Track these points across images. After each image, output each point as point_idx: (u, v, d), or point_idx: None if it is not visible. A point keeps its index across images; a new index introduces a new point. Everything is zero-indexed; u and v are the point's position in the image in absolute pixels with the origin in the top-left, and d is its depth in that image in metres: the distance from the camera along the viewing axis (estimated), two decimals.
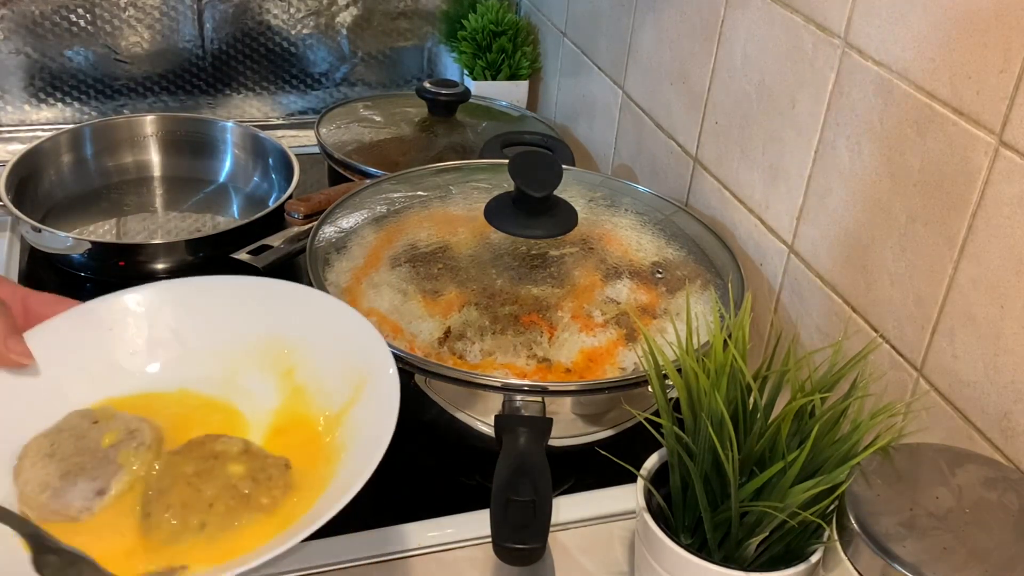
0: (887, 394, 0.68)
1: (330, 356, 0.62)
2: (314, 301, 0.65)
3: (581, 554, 0.68)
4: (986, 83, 0.57)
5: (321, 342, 0.63)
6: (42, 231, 0.92)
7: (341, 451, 0.58)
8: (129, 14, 1.21)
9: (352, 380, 0.60)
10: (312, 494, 0.55)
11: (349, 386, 0.60)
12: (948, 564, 0.48)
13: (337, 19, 1.31)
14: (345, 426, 0.59)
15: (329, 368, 0.62)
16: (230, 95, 1.31)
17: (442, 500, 0.73)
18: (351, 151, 1.08)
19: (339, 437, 0.59)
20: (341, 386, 0.61)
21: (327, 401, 0.61)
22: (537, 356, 0.69)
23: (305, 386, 0.62)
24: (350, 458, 0.57)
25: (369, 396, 0.59)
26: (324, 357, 0.62)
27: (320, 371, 0.62)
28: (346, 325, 0.63)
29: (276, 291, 0.65)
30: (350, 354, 0.61)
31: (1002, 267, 0.57)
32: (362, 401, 0.59)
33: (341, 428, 0.59)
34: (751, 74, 0.81)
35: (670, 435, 0.57)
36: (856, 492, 0.52)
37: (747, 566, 0.55)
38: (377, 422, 0.56)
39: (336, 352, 0.62)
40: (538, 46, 1.32)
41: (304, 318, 0.64)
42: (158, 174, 1.14)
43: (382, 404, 0.57)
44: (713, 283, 0.78)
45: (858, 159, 0.69)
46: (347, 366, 0.61)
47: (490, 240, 0.78)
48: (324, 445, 0.59)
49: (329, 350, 0.62)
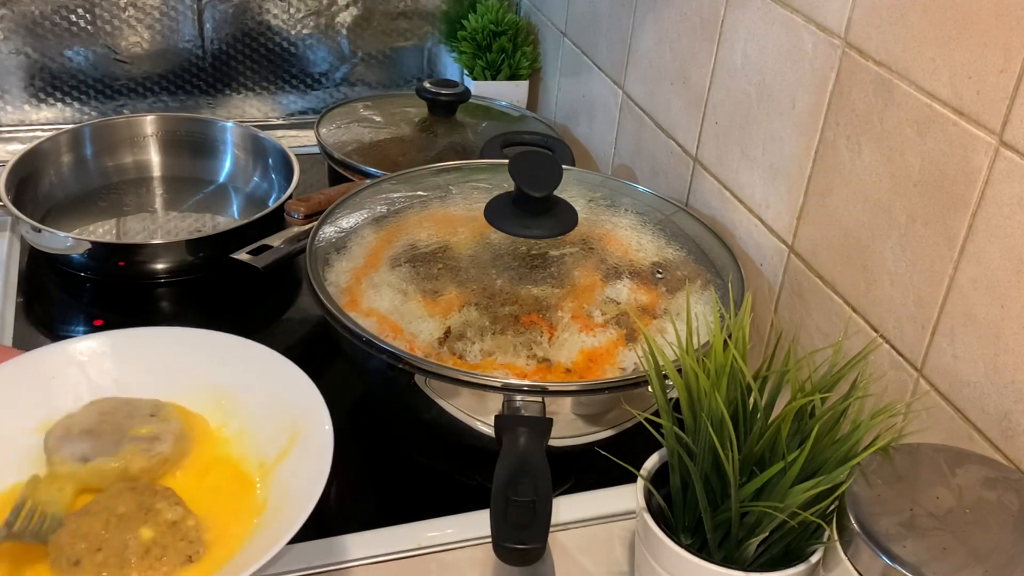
0: (887, 394, 0.68)
1: (266, 406, 0.65)
2: (253, 353, 0.68)
3: (581, 554, 0.68)
4: (986, 83, 0.57)
5: (257, 392, 0.66)
6: (42, 231, 0.92)
7: (265, 505, 0.60)
8: (129, 14, 1.21)
9: (287, 431, 0.63)
10: (229, 549, 0.58)
11: (284, 436, 0.63)
12: (948, 564, 0.48)
13: (337, 19, 1.31)
14: (276, 476, 0.61)
15: (264, 418, 0.64)
16: (230, 95, 1.31)
17: (442, 500, 0.73)
18: (351, 151, 1.08)
19: (269, 487, 0.61)
20: (275, 436, 0.63)
21: (261, 450, 0.63)
22: (537, 356, 0.69)
23: (241, 433, 0.65)
24: (273, 513, 0.59)
25: (302, 449, 0.61)
26: (260, 407, 0.65)
27: (256, 420, 0.65)
28: (283, 376, 0.66)
29: (214, 342, 0.69)
30: (285, 405, 0.64)
31: (1002, 267, 0.57)
32: (294, 453, 0.61)
33: (273, 477, 0.62)
34: (751, 74, 0.81)
35: (670, 435, 0.57)
36: (856, 492, 0.52)
37: (747, 566, 0.55)
38: (308, 476, 0.58)
39: (272, 403, 0.65)
40: (538, 46, 1.32)
41: (242, 368, 0.67)
42: (158, 174, 1.14)
43: (314, 458, 0.59)
44: (713, 283, 0.78)
45: (858, 159, 0.69)
46: (282, 416, 0.63)
47: (490, 240, 0.78)
48: (254, 493, 0.62)
49: (265, 401, 0.65)
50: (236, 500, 0.61)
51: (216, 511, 0.60)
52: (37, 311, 0.93)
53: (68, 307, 0.95)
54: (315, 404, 0.62)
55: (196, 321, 0.95)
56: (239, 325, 0.95)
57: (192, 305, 0.97)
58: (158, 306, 0.96)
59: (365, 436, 0.81)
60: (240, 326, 0.95)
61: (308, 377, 0.65)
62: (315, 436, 0.61)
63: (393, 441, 0.81)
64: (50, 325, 0.92)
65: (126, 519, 0.57)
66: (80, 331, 0.92)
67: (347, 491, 0.76)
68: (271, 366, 0.67)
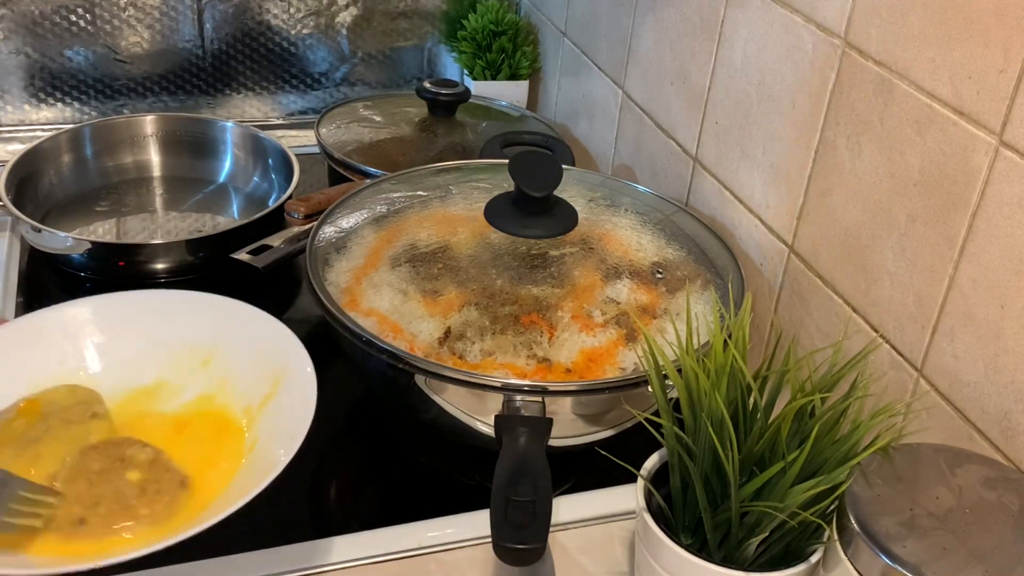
0: (887, 394, 0.68)
1: (248, 355, 0.69)
2: (230, 308, 0.72)
3: (581, 554, 0.68)
4: (986, 83, 0.57)
5: (239, 343, 0.70)
6: (42, 231, 0.92)
7: (254, 444, 0.64)
8: (129, 14, 1.21)
9: (270, 377, 0.67)
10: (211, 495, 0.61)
11: (267, 383, 0.66)
12: (948, 564, 0.48)
13: (337, 19, 1.31)
14: (263, 418, 0.65)
15: (247, 367, 0.68)
16: (230, 95, 1.31)
17: (442, 500, 0.73)
18: (351, 151, 1.08)
19: (257, 429, 0.65)
20: (259, 383, 0.67)
21: (246, 395, 0.67)
22: (537, 356, 0.69)
23: (225, 381, 0.69)
24: (262, 451, 0.63)
25: (286, 391, 0.65)
26: (241, 357, 0.69)
27: (238, 370, 0.69)
28: (263, 328, 0.70)
29: (192, 301, 0.73)
30: (267, 354, 0.68)
31: (1002, 267, 0.57)
32: (279, 396, 0.65)
33: (259, 420, 0.65)
34: (751, 74, 0.81)
35: (670, 435, 0.57)
36: (856, 492, 0.52)
37: (747, 566, 0.55)
38: (294, 414, 0.62)
39: (253, 351, 0.69)
40: (538, 46, 1.32)
41: (222, 323, 0.71)
42: (158, 174, 1.14)
43: (298, 399, 0.63)
44: (713, 283, 0.78)
45: (858, 159, 0.69)
46: (264, 364, 0.67)
47: (490, 240, 0.78)
48: (242, 436, 0.65)
49: (246, 351, 0.69)
50: (223, 444, 0.65)
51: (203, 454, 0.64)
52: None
53: None
54: (295, 349, 0.67)
55: None
56: None
57: None
58: None
59: (365, 436, 0.81)
60: None
61: (286, 327, 0.69)
62: (298, 378, 0.65)
63: (393, 441, 0.81)
64: None
65: (106, 472, 0.60)
66: None
67: (347, 491, 0.76)
68: (251, 319, 0.71)
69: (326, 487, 0.76)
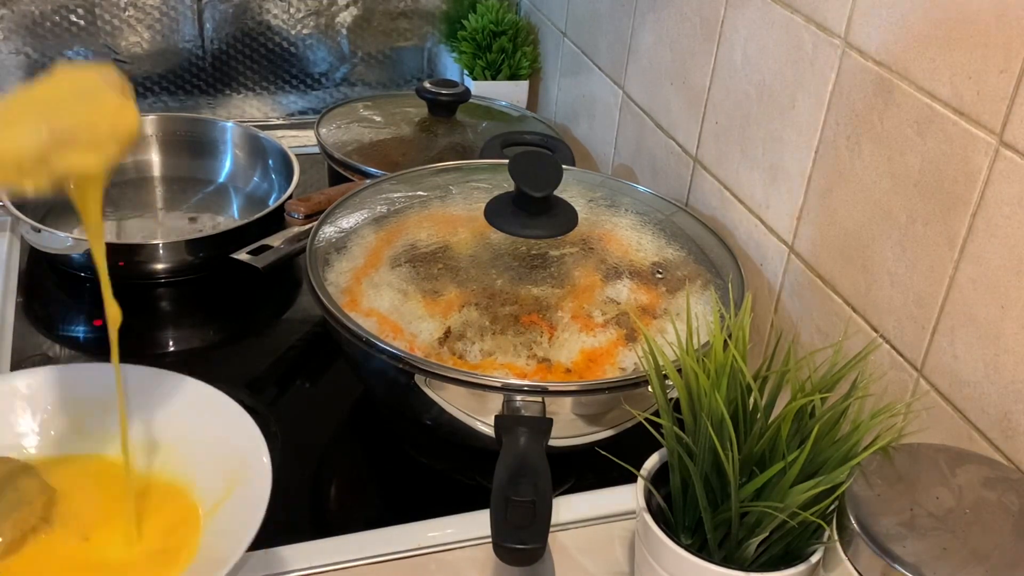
0: (887, 394, 0.68)
1: (206, 449, 0.64)
2: (192, 394, 0.66)
3: (581, 554, 0.68)
4: (986, 83, 0.57)
5: (198, 434, 0.65)
6: (42, 231, 0.92)
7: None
8: (129, 14, 1.21)
9: (228, 475, 0.62)
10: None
11: (224, 480, 0.62)
12: (948, 564, 0.48)
13: (337, 19, 1.31)
14: (216, 519, 0.61)
15: (205, 462, 0.63)
16: (230, 95, 1.31)
17: (442, 500, 0.73)
18: (351, 151, 1.08)
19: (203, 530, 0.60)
20: (216, 481, 0.62)
21: (202, 494, 0.63)
22: (537, 356, 0.69)
23: (181, 477, 0.64)
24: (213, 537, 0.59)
25: (240, 496, 0.60)
26: (200, 450, 0.64)
27: (196, 465, 0.64)
28: (224, 416, 0.65)
29: (150, 379, 0.67)
30: (227, 447, 0.63)
31: (1002, 267, 0.57)
32: (233, 498, 0.61)
33: (214, 519, 0.61)
34: (751, 74, 0.81)
35: (670, 435, 0.57)
36: (856, 492, 0.52)
37: (747, 566, 0.55)
38: (245, 519, 0.57)
39: (212, 445, 0.64)
40: (538, 46, 1.32)
41: (180, 408, 0.66)
42: (158, 174, 1.14)
43: (252, 502, 0.58)
44: (713, 283, 0.78)
45: (858, 159, 0.69)
46: (223, 458, 0.62)
47: (490, 240, 0.78)
48: (189, 514, 0.62)
49: (206, 442, 0.64)
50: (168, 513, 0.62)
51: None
52: (37, 311, 0.93)
53: (68, 307, 0.95)
54: (256, 447, 0.61)
55: (196, 321, 0.96)
56: (239, 325, 0.96)
57: (192, 305, 0.97)
58: (158, 306, 0.96)
59: (365, 436, 0.81)
60: (240, 326, 0.96)
61: (250, 417, 0.64)
62: (255, 481, 0.60)
63: (393, 441, 0.81)
64: (50, 325, 0.92)
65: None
66: (80, 331, 0.92)
67: (347, 491, 0.76)
68: (212, 408, 0.65)
69: (326, 487, 0.76)
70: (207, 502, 0.62)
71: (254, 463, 0.61)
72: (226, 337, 0.94)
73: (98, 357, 0.87)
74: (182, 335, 0.95)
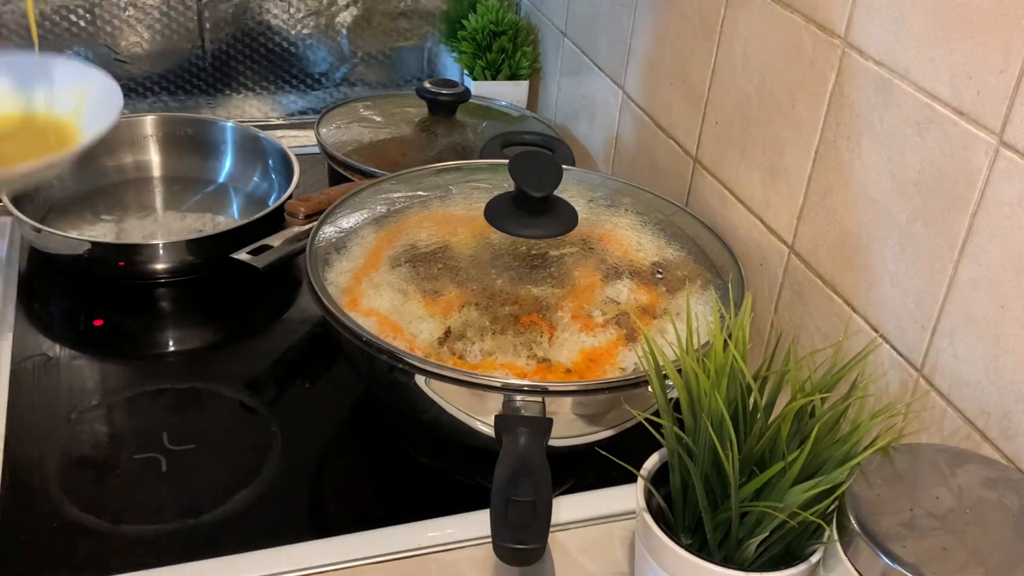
0: (887, 394, 0.68)
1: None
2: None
3: (581, 554, 0.68)
4: (986, 83, 0.57)
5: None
6: (42, 231, 0.92)
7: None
8: (129, 14, 1.21)
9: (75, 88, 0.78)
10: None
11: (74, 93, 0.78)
12: (948, 564, 0.48)
13: (337, 19, 1.31)
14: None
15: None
16: (230, 95, 1.31)
17: (442, 500, 0.73)
18: (351, 151, 1.08)
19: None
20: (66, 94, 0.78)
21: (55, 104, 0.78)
22: (537, 356, 0.69)
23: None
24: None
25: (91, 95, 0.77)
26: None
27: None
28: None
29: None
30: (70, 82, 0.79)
31: (1002, 267, 0.57)
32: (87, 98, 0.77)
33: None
34: (751, 74, 0.81)
35: (670, 435, 0.57)
36: (856, 492, 0.52)
37: (747, 566, 0.55)
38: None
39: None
40: (538, 46, 1.32)
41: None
42: (158, 174, 1.14)
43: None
44: (713, 283, 0.78)
45: (858, 159, 0.69)
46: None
47: (490, 240, 0.78)
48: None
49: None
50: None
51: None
52: (37, 311, 0.93)
53: (68, 307, 0.95)
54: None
55: (196, 321, 0.96)
56: (239, 325, 0.96)
57: (192, 305, 0.97)
58: (158, 306, 0.96)
59: (365, 436, 0.81)
60: (240, 326, 0.96)
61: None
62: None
63: (393, 441, 0.81)
64: (50, 325, 0.92)
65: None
66: (80, 331, 0.92)
67: (347, 491, 0.76)
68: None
69: (326, 487, 0.76)
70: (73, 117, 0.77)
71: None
72: (226, 337, 0.94)
73: (98, 357, 0.88)
74: (182, 335, 0.95)
